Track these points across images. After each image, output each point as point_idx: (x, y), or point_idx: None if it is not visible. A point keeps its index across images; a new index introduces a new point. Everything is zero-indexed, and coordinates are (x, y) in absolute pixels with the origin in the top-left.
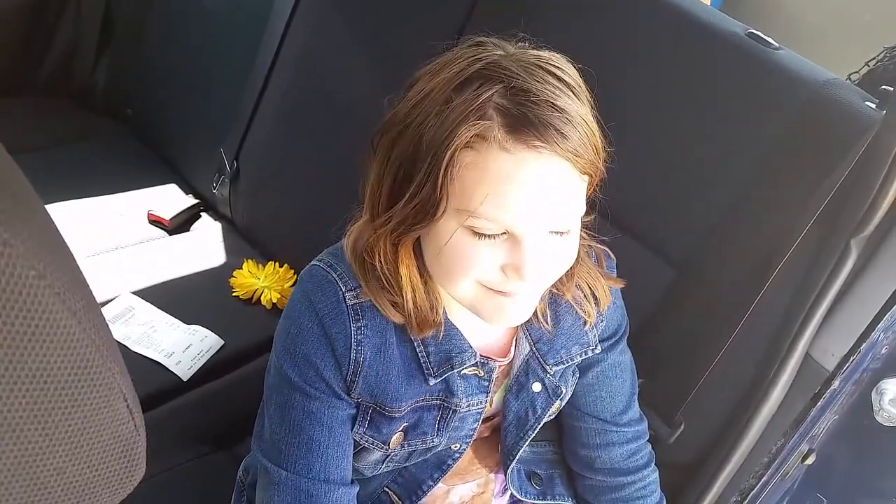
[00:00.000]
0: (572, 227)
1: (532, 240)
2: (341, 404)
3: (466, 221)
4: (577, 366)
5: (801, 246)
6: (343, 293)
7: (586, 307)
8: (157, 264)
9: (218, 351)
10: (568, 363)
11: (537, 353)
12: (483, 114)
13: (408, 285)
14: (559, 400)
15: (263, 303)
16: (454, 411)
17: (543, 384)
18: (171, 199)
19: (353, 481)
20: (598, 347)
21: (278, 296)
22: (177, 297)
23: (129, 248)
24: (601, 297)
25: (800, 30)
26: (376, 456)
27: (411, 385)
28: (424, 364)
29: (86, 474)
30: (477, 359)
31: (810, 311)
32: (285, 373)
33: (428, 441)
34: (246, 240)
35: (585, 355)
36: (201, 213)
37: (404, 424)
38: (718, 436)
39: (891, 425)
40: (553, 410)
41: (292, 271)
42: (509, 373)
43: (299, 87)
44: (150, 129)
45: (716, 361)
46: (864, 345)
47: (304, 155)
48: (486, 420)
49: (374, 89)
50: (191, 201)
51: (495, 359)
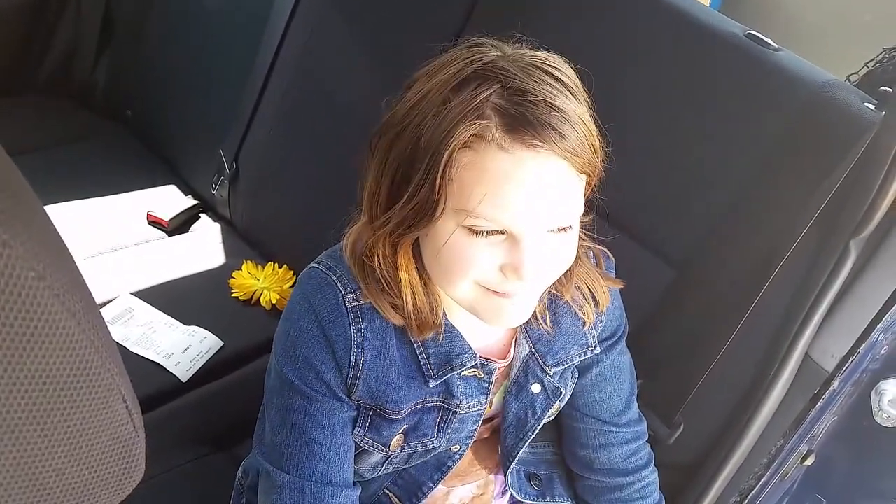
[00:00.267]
0: (571, 227)
1: (531, 239)
2: (342, 406)
3: (465, 221)
4: (576, 366)
5: (801, 246)
6: (342, 295)
7: (585, 308)
8: (157, 265)
9: (217, 352)
10: (567, 364)
11: (536, 354)
12: (481, 114)
13: (407, 287)
14: (558, 401)
15: (263, 304)
16: (454, 413)
17: (543, 385)
18: (170, 199)
19: (354, 483)
20: (597, 348)
21: (278, 297)
22: (176, 298)
23: (129, 248)
24: (600, 298)
25: (799, 31)
26: (376, 458)
27: (411, 387)
28: (424, 366)
29: (85, 475)
30: (477, 360)
31: (810, 311)
32: (286, 375)
33: (428, 443)
34: (245, 241)
35: (585, 356)
36: (201, 214)
37: (404, 426)
38: (718, 436)
39: (890, 426)
40: (552, 412)
41: (292, 272)
42: (509, 374)
43: (299, 87)
44: (149, 129)
45: (715, 362)
46: (863, 345)
47: (303, 155)
48: (486, 421)
49: (373, 90)
50: (190, 202)
51: (495, 360)
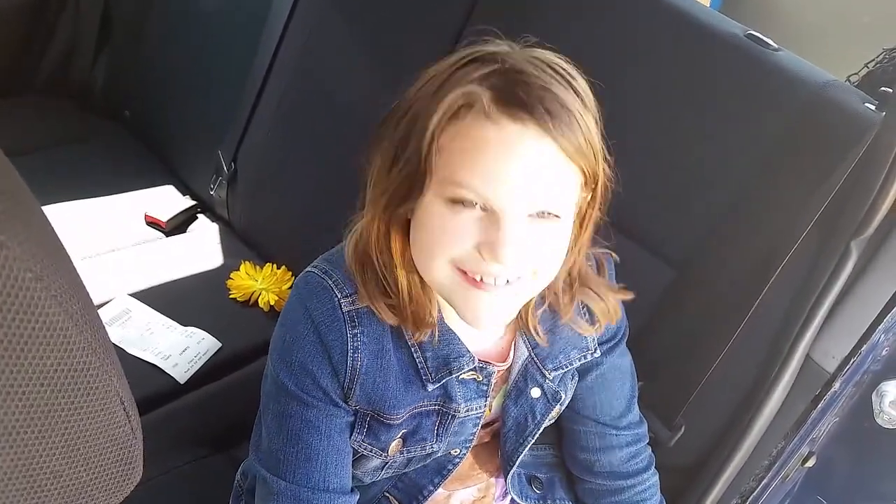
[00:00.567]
0: (558, 218)
1: (510, 218)
2: (339, 412)
3: (446, 191)
4: (576, 369)
5: (801, 247)
6: (338, 300)
7: (584, 327)
8: (154, 266)
9: (215, 353)
10: (567, 368)
11: (535, 358)
12: (471, 85)
13: (402, 275)
14: (558, 405)
15: (261, 305)
16: (453, 416)
17: (542, 389)
18: (168, 200)
19: (353, 489)
20: (597, 351)
21: (276, 298)
22: (174, 300)
23: (126, 249)
24: (601, 317)
25: (799, 31)
26: (375, 463)
27: (409, 391)
28: (422, 369)
29: (82, 477)
30: (475, 363)
31: (811, 312)
32: (282, 381)
33: (427, 447)
34: (243, 241)
35: (584, 359)
36: (198, 215)
37: (403, 431)
38: (719, 438)
39: (891, 427)
40: (552, 415)
41: (290, 273)
42: (508, 378)
43: (298, 87)
44: (148, 130)
45: (716, 363)
46: (864, 347)
47: (302, 156)
48: (486, 425)
49: (373, 90)
50: (188, 203)
51: (494, 364)
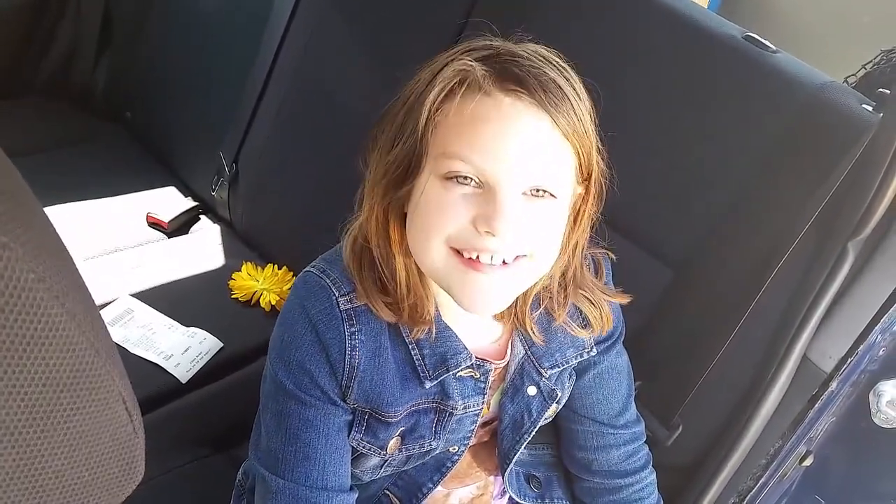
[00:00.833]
0: (554, 198)
1: (505, 191)
2: (337, 411)
3: (442, 167)
4: (573, 368)
5: (799, 248)
6: (336, 298)
7: (578, 331)
8: (156, 267)
9: (217, 353)
10: (563, 366)
11: (532, 356)
12: (466, 62)
13: (401, 266)
14: (555, 403)
15: (262, 305)
16: (451, 414)
17: (539, 387)
18: (170, 201)
19: (351, 487)
20: (593, 350)
21: (277, 298)
22: (176, 300)
23: (128, 250)
24: (596, 323)
25: (797, 33)
26: (374, 461)
27: (407, 389)
28: (420, 366)
29: (84, 477)
30: (472, 360)
31: (808, 313)
32: (280, 381)
33: (425, 444)
34: (245, 242)
35: (581, 357)
36: (200, 216)
37: (401, 429)
38: (716, 438)
39: (888, 427)
40: (549, 414)
41: (291, 273)
42: (505, 376)
43: (299, 89)
44: (149, 131)
45: (714, 363)
46: (861, 347)
47: (303, 157)
48: (485, 424)
49: (374, 90)
50: (190, 204)
51: (491, 361)
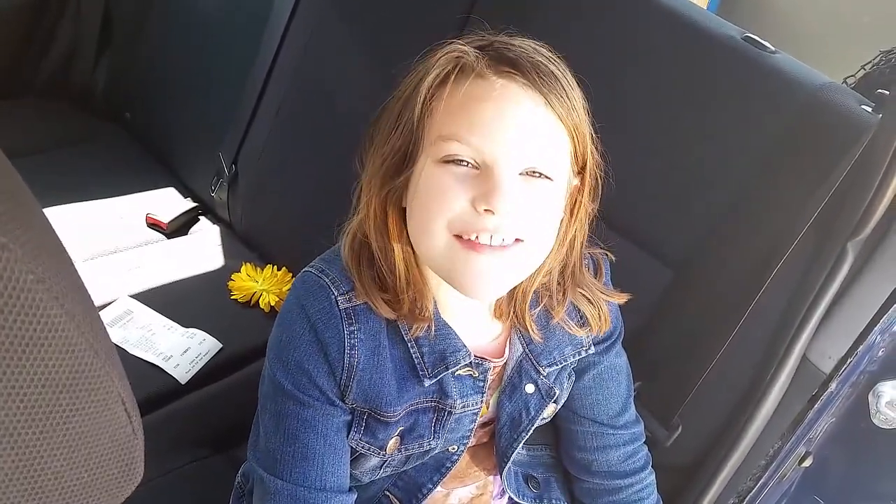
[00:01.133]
0: (549, 181)
1: (503, 169)
2: (335, 411)
3: (440, 151)
4: (573, 369)
5: (798, 249)
6: (335, 297)
7: (576, 330)
8: (156, 267)
9: (216, 354)
10: (561, 364)
11: (530, 354)
12: (460, 48)
13: (399, 255)
14: (553, 402)
15: (262, 306)
16: (449, 413)
17: (537, 385)
18: (169, 202)
19: (350, 489)
20: (591, 348)
21: (276, 299)
22: (175, 301)
23: (128, 251)
24: (594, 323)
25: (796, 33)
26: (373, 462)
27: (405, 388)
28: (419, 364)
29: (83, 478)
30: (471, 358)
31: (807, 313)
32: (278, 381)
33: (425, 444)
34: (244, 243)
35: (579, 356)
36: (200, 217)
37: (400, 428)
38: (716, 438)
39: (887, 428)
40: (548, 413)
41: (291, 274)
42: (503, 375)
43: (298, 89)
44: (148, 132)
45: (713, 364)
46: (860, 347)
47: (302, 157)
48: (484, 425)
49: (373, 91)
50: (189, 204)
51: (490, 359)
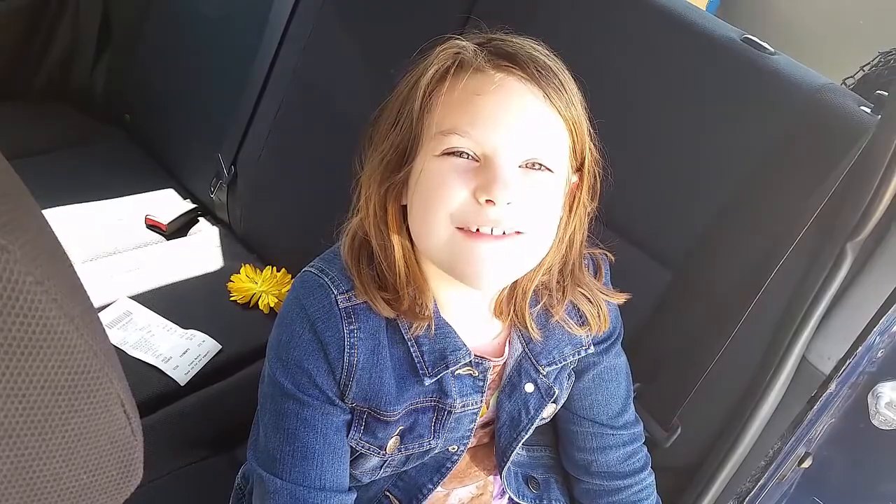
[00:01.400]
0: (549, 173)
1: (503, 159)
2: (335, 411)
3: (440, 145)
4: (572, 369)
5: (798, 250)
6: (335, 296)
7: (576, 329)
8: (155, 269)
9: (215, 355)
10: (560, 363)
11: (529, 353)
12: (458, 44)
13: (399, 251)
14: (552, 402)
15: (261, 307)
16: (449, 412)
17: (536, 384)
18: (168, 203)
19: (350, 489)
20: (590, 347)
21: (276, 300)
22: (174, 302)
23: (127, 252)
24: (593, 323)
25: (795, 35)
26: (373, 462)
27: (405, 387)
28: (419, 364)
29: (83, 480)
30: (471, 357)
31: (807, 314)
32: (278, 381)
33: (424, 443)
34: (243, 244)
35: (578, 355)
36: (199, 218)
37: (400, 428)
38: (715, 439)
39: (887, 429)
40: (547, 414)
41: (290, 276)
42: (503, 375)
43: (297, 91)
44: (148, 133)
45: (712, 365)
46: (860, 348)
47: (302, 159)
48: (484, 426)
49: (373, 92)
50: (188, 206)
51: (489, 359)
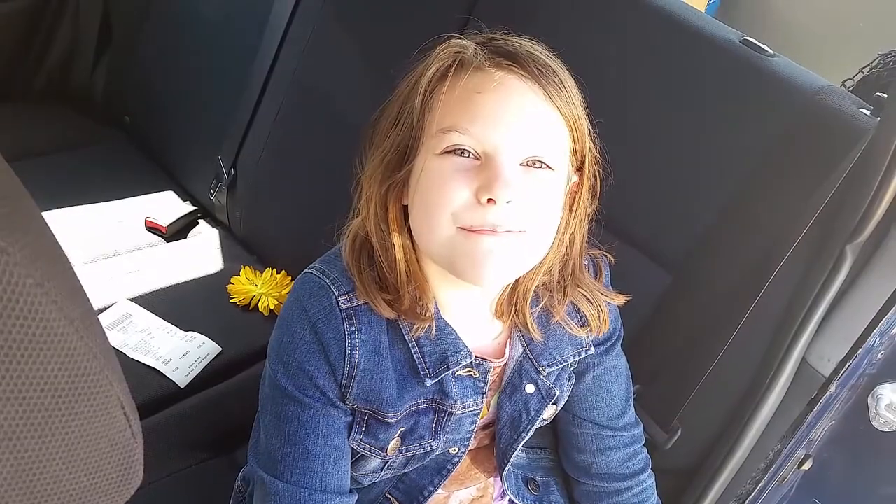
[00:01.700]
0: (550, 170)
1: (504, 157)
2: (336, 412)
3: (440, 143)
4: (573, 370)
5: (797, 252)
6: (336, 297)
7: (576, 329)
8: (155, 271)
9: (215, 358)
10: (561, 364)
11: (530, 354)
12: (458, 43)
13: (399, 250)
14: (553, 403)
15: (261, 309)
16: (450, 414)
17: (537, 385)
18: (168, 205)
19: (351, 490)
20: (591, 349)
21: (276, 302)
22: (174, 304)
23: (127, 254)
24: (594, 324)
25: (794, 37)
26: (374, 464)
27: (406, 389)
28: (420, 365)
29: (83, 482)
30: (472, 359)
31: (806, 316)
32: (279, 382)
33: (426, 445)
34: (243, 246)
35: (579, 356)
36: (199, 220)
37: (401, 429)
38: (715, 441)
39: (887, 430)
40: (548, 415)
41: (290, 278)
42: (503, 376)
43: (297, 92)
44: (147, 135)
45: (712, 367)
46: (860, 350)
47: (301, 161)
48: (485, 427)
49: (373, 94)
50: (188, 208)
51: (490, 360)
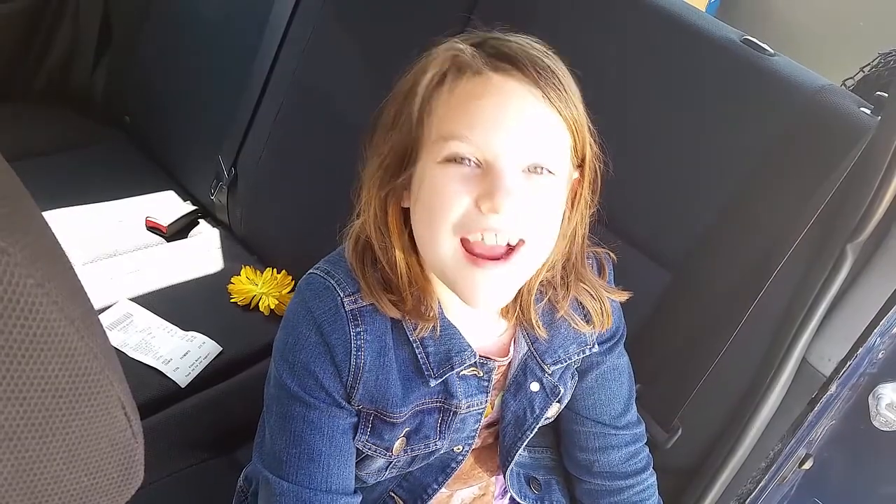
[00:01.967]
0: (551, 175)
1: (505, 166)
2: (342, 413)
3: (441, 151)
4: (576, 369)
5: (798, 251)
6: (341, 298)
7: (581, 325)
8: (155, 271)
9: (216, 357)
10: (566, 362)
11: (535, 352)
12: (456, 46)
13: (400, 254)
14: (557, 401)
15: (261, 309)
16: (454, 413)
17: (541, 384)
18: (168, 205)
19: (356, 490)
20: (595, 347)
21: (276, 302)
22: (175, 304)
23: (127, 254)
24: (597, 320)
25: (795, 36)
26: (379, 463)
27: (411, 389)
28: (424, 365)
29: (83, 482)
30: (476, 358)
31: (807, 315)
32: (284, 383)
33: (430, 444)
34: (244, 246)
35: (583, 354)
36: (199, 220)
37: (406, 429)
38: (716, 441)
39: (887, 430)
40: (551, 413)
41: (290, 277)
42: (508, 374)
43: (298, 92)
44: (148, 135)
45: (713, 366)
46: (860, 349)
47: (302, 161)
48: (489, 426)
49: (373, 94)
50: (189, 208)
51: (494, 359)
